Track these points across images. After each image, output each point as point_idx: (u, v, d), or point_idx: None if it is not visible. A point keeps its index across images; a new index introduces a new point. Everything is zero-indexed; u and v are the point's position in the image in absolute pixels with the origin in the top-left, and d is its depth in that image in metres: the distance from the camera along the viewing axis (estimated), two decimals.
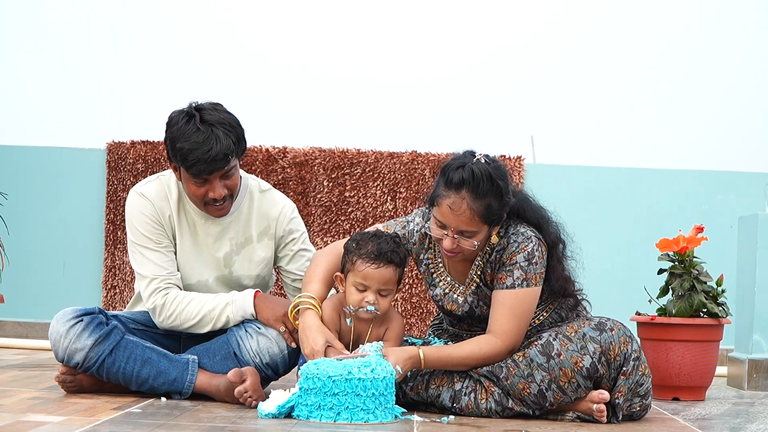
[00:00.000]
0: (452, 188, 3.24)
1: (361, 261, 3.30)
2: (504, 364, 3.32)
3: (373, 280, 3.30)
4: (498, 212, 3.28)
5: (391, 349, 3.29)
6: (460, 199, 3.23)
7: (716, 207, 5.80)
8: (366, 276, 3.30)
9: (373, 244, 3.32)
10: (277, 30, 6.03)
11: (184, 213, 3.64)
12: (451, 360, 3.33)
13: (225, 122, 3.45)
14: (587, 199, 5.76)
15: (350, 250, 3.35)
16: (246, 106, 5.84)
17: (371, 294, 3.31)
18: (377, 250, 3.30)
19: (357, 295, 3.32)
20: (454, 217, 3.24)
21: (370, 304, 3.30)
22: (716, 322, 4.21)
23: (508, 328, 3.32)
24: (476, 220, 3.24)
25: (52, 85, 6.02)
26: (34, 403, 3.30)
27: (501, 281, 3.35)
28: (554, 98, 5.96)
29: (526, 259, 3.33)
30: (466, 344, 3.35)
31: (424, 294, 5.74)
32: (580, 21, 5.97)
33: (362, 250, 3.31)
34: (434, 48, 6.00)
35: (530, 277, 3.33)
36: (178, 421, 3.02)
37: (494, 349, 3.32)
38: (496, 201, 3.25)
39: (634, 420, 3.41)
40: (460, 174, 3.23)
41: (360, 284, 3.31)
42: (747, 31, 5.95)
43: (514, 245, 3.35)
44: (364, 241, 3.34)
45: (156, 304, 3.56)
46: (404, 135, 5.90)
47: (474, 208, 3.22)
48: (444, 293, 3.48)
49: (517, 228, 3.38)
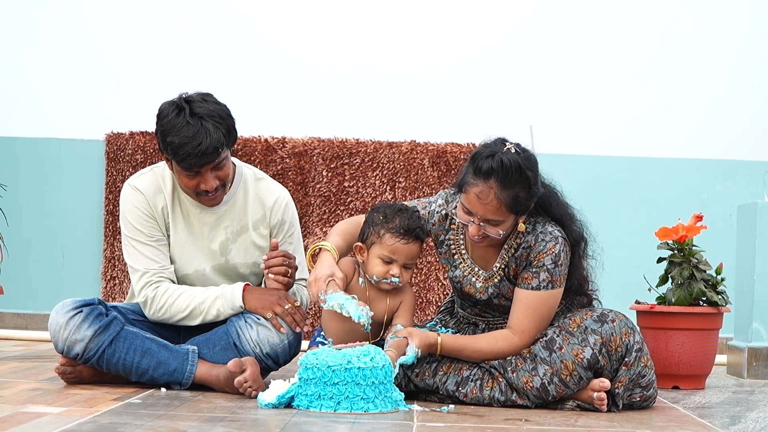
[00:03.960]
0: (481, 177, 3.23)
1: (390, 235, 3.35)
2: (514, 359, 3.34)
3: (401, 254, 3.36)
4: (525, 203, 3.28)
5: (415, 332, 3.31)
6: (488, 189, 3.23)
7: (715, 195, 5.80)
8: (395, 250, 3.35)
9: (401, 218, 3.37)
10: (275, 20, 6.02)
11: (179, 204, 3.64)
12: (466, 351, 3.36)
13: (215, 114, 3.45)
14: (586, 188, 5.75)
15: (376, 222, 3.39)
16: (245, 96, 5.84)
17: (396, 267, 3.37)
18: (407, 226, 3.35)
19: (382, 267, 3.37)
20: (481, 206, 3.25)
21: (395, 276, 3.35)
22: (716, 310, 4.21)
23: (527, 328, 3.35)
24: (503, 210, 3.25)
25: (51, 76, 6.01)
26: (34, 394, 3.30)
27: (526, 281, 3.36)
28: (553, 87, 5.95)
29: (553, 261, 3.34)
30: (482, 338, 3.38)
31: (423, 284, 5.74)
32: (578, 10, 5.96)
33: (390, 224, 3.36)
34: (433, 37, 5.99)
35: (555, 279, 3.35)
36: (178, 412, 3.02)
37: (510, 345, 3.34)
38: (524, 192, 3.25)
39: (634, 409, 3.41)
40: (489, 163, 3.22)
41: (387, 257, 3.36)
42: (746, 19, 5.94)
43: (542, 244, 3.35)
44: (391, 215, 3.38)
45: (147, 297, 3.57)
46: (403, 125, 5.89)
47: (501, 198, 3.23)
48: (464, 275, 3.49)
49: (545, 227, 3.38)
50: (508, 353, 3.35)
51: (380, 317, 3.47)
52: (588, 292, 3.52)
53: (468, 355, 3.36)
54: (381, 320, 3.48)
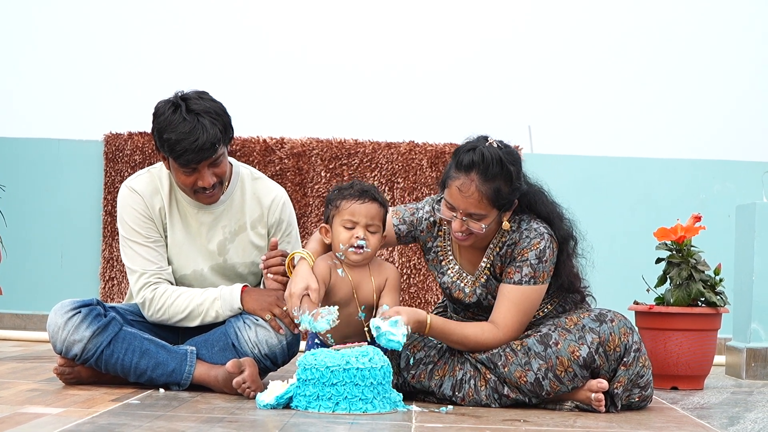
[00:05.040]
0: (462, 170, 3.25)
1: (346, 200, 3.37)
2: (502, 351, 3.34)
3: (361, 215, 3.36)
4: (507, 197, 3.28)
5: (403, 309, 3.28)
6: (469, 181, 3.24)
7: (714, 196, 5.80)
8: (353, 212, 3.36)
9: (355, 187, 3.41)
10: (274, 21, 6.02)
11: (176, 204, 3.64)
12: (453, 335, 3.35)
13: (211, 111, 3.45)
14: (585, 189, 5.75)
15: (332, 197, 3.43)
16: (243, 96, 5.85)
17: (360, 229, 3.36)
18: (360, 189, 3.39)
19: (346, 233, 3.37)
20: (462, 199, 3.25)
21: (360, 239, 3.34)
22: (714, 311, 4.21)
23: (510, 322, 3.35)
24: (484, 203, 3.25)
25: (50, 76, 6.01)
26: (32, 395, 3.30)
27: (509, 276, 3.36)
28: (552, 88, 5.95)
29: (537, 257, 3.34)
30: (469, 326, 3.38)
31: (422, 284, 5.74)
32: (577, 10, 5.96)
33: (345, 191, 3.40)
34: (432, 38, 6.00)
35: (538, 275, 3.34)
36: (177, 412, 3.02)
37: (494, 338, 3.35)
38: (506, 185, 3.26)
39: (633, 410, 3.41)
40: (470, 156, 3.25)
41: (348, 221, 3.36)
42: (744, 20, 5.94)
43: (526, 241, 3.35)
44: (345, 187, 3.43)
45: (145, 299, 3.57)
46: (401, 125, 5.90)
47: (483, 191, 3.24)
48: (452, 281, 3.49)
49: (530, 223, 3.38)
50: (491, 345, 3.34)
51: (369, 300, 3.43)
52: (580, 288, 3.51)
53: (454, 340, 3.35)
54: (372, 303, 3.44)
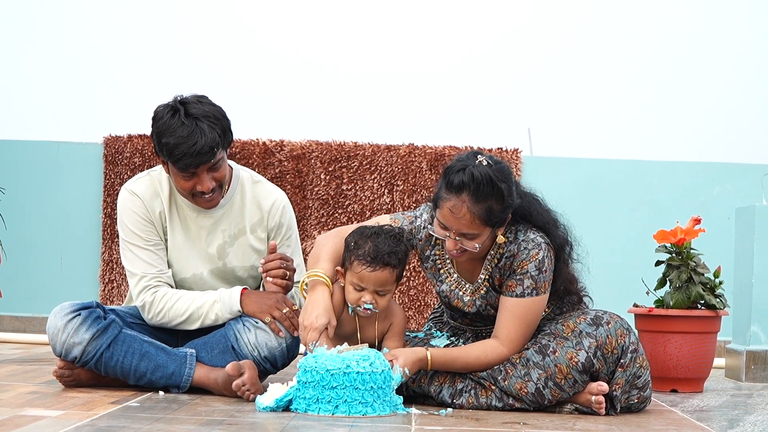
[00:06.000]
0: (453, 191, 3.22)
1: (358, 262, 3.27)
2: (502, 367, 3.33)
3: (369, 282, 3.28)
4: (500, 215, 3.25)
5: (400, 351, 3.28)
6: (461, 203, 3.21)
7: (713, 198, 5.80)
8: (362, 278, 3.27)
9: (371, 244, 3.28)
10: (274, 24, 6.02)
11: (176, 207, 3.64)
12: (457, 363, 3.34)
13: (210, 115, 3.45)
14: (584, 192, 5.76)
15: (349, 248, 3.32)
16: (243, 99, 5.85)
17: (368, 294, 3.29)
18: (374, 252, 3.26)
19: (354, 294, 3.30)
20: (455, 220, 3.23)
21: (367, 303, 3.29)
22: (714, 313, 4.21)
23: (515, 336, 3.34)
24: (477, 223, 3.23)
25: (49, 78, 6.01)
26: (32, 397, 3.30)
27: (510, 289, 3.35)
28: (551, 90, 5.95)
29: (537, 267, 3.32)
30: (472, 349, 3.35)
31: (421, 287, 5.74)
32: (576, 12, 5.97)
33: (360, 250, 3.28)
34: (431, 40, 6.00)
35: (540, 285, 3.33)
36: (176, 415, 3.02)
37: (499, 356, 3.33)
38: (498, 204, 3.23)
39: (632, 412, 3.41)
40: (461, 177, 3.20)
41: (357, 285, 3.29)
42: (743, 22, 5.95)
43: (525, 252, 3.34)
44: (362, 240, 3.30)
45: (145, 302, 3.57)
46: (401, 128, 5.90)
47: (474, 212, 3.21)
48: (450, 290, 3.48)
49: (527, 234, 3.36)
50: (497, 363, 3.34)
51: (371, 341, 3.41)
52: (577, 291, 3.51)
53: (459, 367, 3.35)
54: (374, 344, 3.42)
